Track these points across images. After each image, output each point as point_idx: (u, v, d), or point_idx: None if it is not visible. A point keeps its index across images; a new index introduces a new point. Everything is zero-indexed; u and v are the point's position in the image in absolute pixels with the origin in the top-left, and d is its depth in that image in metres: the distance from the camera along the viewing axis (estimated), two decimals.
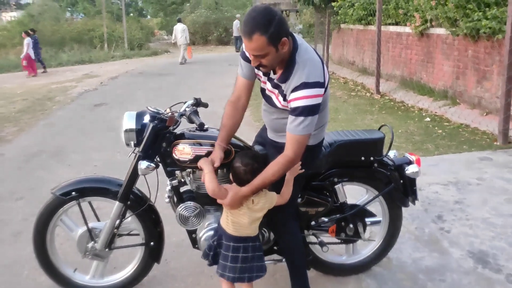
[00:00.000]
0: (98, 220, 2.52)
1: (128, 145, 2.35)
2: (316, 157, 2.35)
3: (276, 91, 2.11)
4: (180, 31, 15.87)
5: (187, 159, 2.30)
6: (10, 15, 41.78)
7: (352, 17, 10.76)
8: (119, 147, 5.41)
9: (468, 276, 2.64)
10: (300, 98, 1.94)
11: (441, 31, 7.19)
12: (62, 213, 2.42)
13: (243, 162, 2.09)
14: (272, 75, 2.11)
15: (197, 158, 2.29)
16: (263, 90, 2.23)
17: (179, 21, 16.66)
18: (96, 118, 7.29)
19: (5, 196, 4.11)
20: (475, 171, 4.26)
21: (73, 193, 2.37)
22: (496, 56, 5.86)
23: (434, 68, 7.59)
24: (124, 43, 22.36)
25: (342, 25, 12.23)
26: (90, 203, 2.49)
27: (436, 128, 6.00)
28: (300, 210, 2.44)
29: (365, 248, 2.76)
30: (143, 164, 2.23)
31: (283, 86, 2.05)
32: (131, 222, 2.50)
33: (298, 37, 2.07)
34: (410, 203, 2.63)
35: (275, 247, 2.53)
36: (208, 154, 2.28)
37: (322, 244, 2.52)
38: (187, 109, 2.39)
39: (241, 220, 2.13)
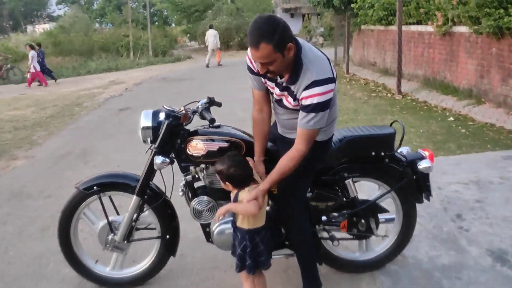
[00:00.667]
0: (118, 214, 2.63)
1: (145, 142, 2.47)
2: (326, 152, 2.38)
3: (286, 93, 2.17)
4: (212, 36, 16.79)
5: (200, 155, 2.39)
6: (43, 27, 43.31)
7: (372, 17, 10.68)
8: (140, 148, 5.50)
9: (486, 274, 2.61)
10: (312, 96, 2.00)
11: (463, 29, 7.07)
12: (85, 206, 2.55)
13: (232, 164, 2.17)
14: (279, 80, 2.16)
15: (209, 153, 2.37)
16: (272, 94, 2.30)
17: (211, 27, 17.75)
18: (120, 122, 7.49)
19: (35, 194, 4.29)
20: (498, 170, 4.18)
21: (95, 187, 2.49)
22: None
23: (457, 67, 7.46)
24: (149, 51, 22.82)
25: (363, 26, 12.15)
26: (110, 197, 2.60)
27: (459, 127, 5.90)
28: (310, 205, 2.47)
29: (379, 245, 2.75)
30: (158, 159, 2.33)
31: (292, 87, 2.10)
32: (148, 216, 2.59)
33: (300, 39, 2.11)
34: (424, 199, 2.62)
35: (286, 242, 2.57)
36: (220, 149, 2.37)
37: (332, 238, 2.54)
38: (199, 106, 2.48)
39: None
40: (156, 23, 42.80)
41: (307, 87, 2.01)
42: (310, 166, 2.33)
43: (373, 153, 2.51)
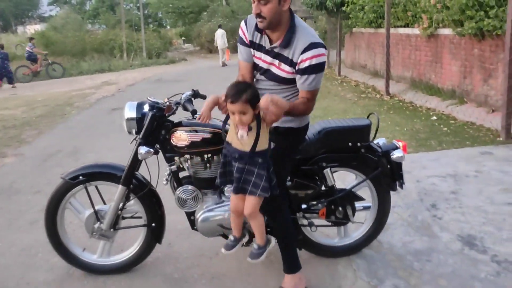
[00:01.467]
0: (104, 203, 2.74)
1: (130, 133, 2.59)
2: (302, 140, 2.52)
3: (277, 61, 2.27)
4: (220, 36, 17.31)
5: (183, 145, 2.51)
6: (34, 28, 43.19)
7: (363, 20, 10.87)
8: (131, 146, 5.67)
9: (454, 257, 2.76)
10: (311, 58, 2.13)
11: (448, 31, 7.26)
12: (71, 196, 2.65)
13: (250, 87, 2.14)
14: (270, 46, 2.26)
15: (192, 143, 2.49)
16: (260, 69, 2.36)
17: (220, 27, 18.20)
18: (112, 121, 7.59)
19: (25, 190, 4.39)
20: (474, 165, 4.35)
21: (81, 177, 2.59)
22: (501, 54, 5.91)
23: (442, 68, 7.66)
24: (143, 52, 22.90)
25: (354, 29, 12.34)
26: (96, 187, 2.71)
27: (441, 126, 6.07)
28: (290, 193, 2.61)
29: (355, 231, 2.89)
30: (142, 149, 2.45)
31: (286, 51, 2.21)
32: (134, 205, 2.71)
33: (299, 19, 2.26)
34: (398, 188, 2.76)
35: (268, 229, 2.69)
36: (204, 140, 2.50)
37: (310, 224, 2.68)
38: (182, 98, 2.60)
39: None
40: (151, 24, 42.86)
41: (305, 49, 2.13)
42: (287, 154, 2.47)
43: (350, 144, 2.65)
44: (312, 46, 2.13)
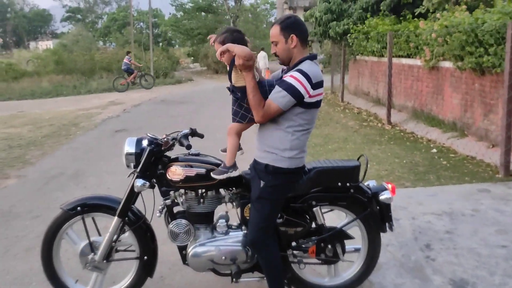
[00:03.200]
0: (100, 235, 2.79)
1: (128, 167, 2.68)
2: (293, 181, 2.57)
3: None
4: (262, 58, 18.84)
5: (178, 179, 2.60)
6: (46, 44, 44.04)
7: (367, 49, 11.02)
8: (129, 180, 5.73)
9: None
10: (290, 76, 2.32)
11: (449, 64, 7.34)
12: (68, 227, 2.72)
13: (226, 32, 2.42)
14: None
15: (187, 178, 2.59)
16: None
17: (263, 49, 19.62)
18: (114, 144, 7.67)
19: (23, 214, 4.44)
20: (471, 202, 4.35)
21: (79, 208, 2.67)
22: (501, 90, 5.96)
23: (443, 100, 7.71)
24: (151, 71, 23.20)
25: (358, 57, 12.49)
26: (93, 219, 2.78)
27: (441, 159, 6.09)
28: (280, 230, 2.65)
29: (346, 271, 2.90)
30: (138, 182, 2.56)
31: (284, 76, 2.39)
32: (128, 237, 2.76)
33: (315, 62, 2.43)
34: (387, 229, 2.78)
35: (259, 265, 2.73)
36: (198, 175, 2.59)
37: (299, 261, 2.72)
38: (179, 134, 2.69)
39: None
40: (161, 44, 43.54)
41: (291, 70, 2.37)
42: (280, 193, 2.52)
43: (339, 184, 2.69)
44: (298, 70, 2.33)
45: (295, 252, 2.74)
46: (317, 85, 2.35)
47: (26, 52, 36.67)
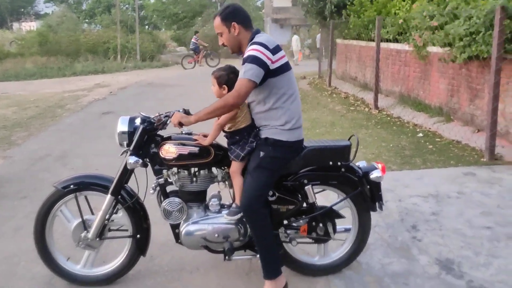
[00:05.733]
0: (93, 213, 2.80)
1: (121, 145, 2.70)
2: (290, 154, 2.62)
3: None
4: (295, 41, 20.89)
5: (172, 157, 2.62)
6: (29, 25, 42.97)
7: (353, 33, 10.98)
8: (119, 153, 5.68)
9: (431, 281, 2.82)
10: (248, 51, 2.42)
11: (436, 49, 7.39)
12: (62, 204, 2.73)
13: (232, 71, 2.59)
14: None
15: (180, 156, 2.61)
16: None
17: (295, 33, 21.46)
18: (102, 126, 7.60)
19: (11, 195, 4.40)
20: (457, 185, 4.43)
21: (72, 186, 2.67)
22: (487, 75, 6.03)
23: (430, 85, 7.78)
24: (137, 55, 22.89)
25: (346, 41, 12.50)
26: (86, 197, 2.78)
27: (427, 143, 6.17)
28: (272, 207, 2.68)
29: (336, 251, 2.96)
30: (131, 159, 2.58)
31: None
32: (121, 217, 2.78)
33: (263, 33, 2.53)
34: (377, 208, 2.84)
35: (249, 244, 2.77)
36: (191, 153, 2.62)
37: (291, 239, 2.77)
38: (171, 113, 2.69)
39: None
40: (147, 26, 42.87)
41: (247, 48, 2.45)
42: (275, 165, 2.57)
43: (330, 163, 2.73)
44: (251, 44, 2.44)
45: (287, 230, 2.78)
46: (275, 50, 2.44)
47: (9, 33, 35.73)
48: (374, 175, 2.74)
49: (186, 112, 2.85)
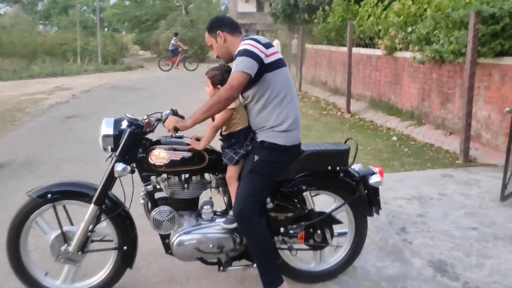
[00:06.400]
0: (72, 224, 2.57)
1: (105, 150, 2.47)
2: (291, 161, 2.51)
3: None
4: (275, 45, 19.46)
5: (162, 164, 2.44)
6: None
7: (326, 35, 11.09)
8: (90, 159, 5.42)
9: (428, 284, 2.79)
10: (242, 45, 2.34)
11: (408, 54, 7.53)
12: (37, 215, 2.48)
13: (226, 70, 2.46)
14: None
15: (172, 162, 2.43)
16: None
17: (277, 38, 20.58)
18: (67, 130, 7.24)
19: None
20: (437, 187, 4.48)
21: (49, 195, 2.43)
22: (458, 80, 6.20)
23: (401, 89, 7.92)
24: (98, 57, 22.22)
25: (315, 46, 12.60)
26: (64, 207, 2.55)
27: (402, 146, 6.25)
28: (270, 215, 2.56)
29: (332, 257, 2.87)
30: (119, 166, 2.36)
31: None
32: (105, 227, 2.56)
33: (257, 36, 2.42)
34: (374, 213, 2.78)
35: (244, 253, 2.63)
36: (183, 159, 2.44)
37: (290, 248, 2.64)
38: (163, 115, 2.52)
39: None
40: (106, 29, 41.82)
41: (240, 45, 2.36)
42: (269, 170, 2.44)
43: (329, 168, 2.64)
44: (242, 40, 2.40)
45: (284, 238, 2.66)
46: (267, 45, 2.37)
47: None
48: (373, 180, 2.67)
49: (175, 113, 2.68)
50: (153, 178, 2.51)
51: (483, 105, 5.67)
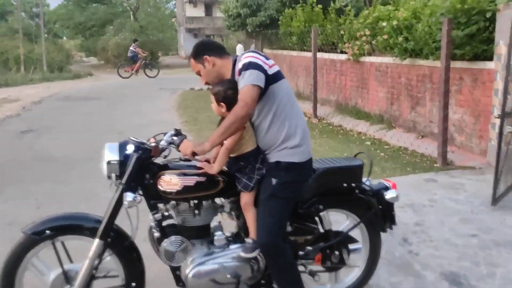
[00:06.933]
0: (71, 261, 2.29)
1: (109, 177, 2.20)
2: (307, 178, 2.37)
3: None
4: (239, 49, 19.56)
5: (175, 190, 2.23)
6: None
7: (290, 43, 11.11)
8: (60, 178, 5.01)
9: None
10: (243, 59, 2.19)
11: (374, 59, 7.64)
12: (33, 255, 2.19)
13: (230, 86, 2.23)
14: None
15: (185, 188, 2.23)
16: None
17: (239, 42, 18.94)
18: (27, 147, 6.69)
19: None
20: (425, 193, 4.49)
21: (48, 231, 2.16)
22: (428, 84, 6.33)
23: (368, 93, 8.02)
24: (43, 66, 21.07)
25: (274, 52, 12.58)
26: (63, 243, 2.28)
27: (378, 151, 6.29)
28: (289, 239, 2.41)
29: (347, 276, 2.75)
30: (129, 197, 2.13)
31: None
32: (109, 262, 2.31)
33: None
34: (387, 229, 2.69)
35: (262, 281, 2.45)
36: (197, 183, 2.24)
37: (312, 273, 2.49)
38: (174, 138, 2.29)
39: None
40: (46, 35, 39.90)
41: (239, 61, 2.22)
42: (290, 192, 2.30)
43: (344, 184, 2.52)
44: (242, 56, 2.23)
45: (303, 261, 2.51)
46: (266, 57, 2.28)
47: None
48: (389, 195, 2.58)
49: (178, 133, 2.47)
50: (161, 205, 2.29)
51: (455, 108, 5.81)
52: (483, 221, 3.80)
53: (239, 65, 2.19)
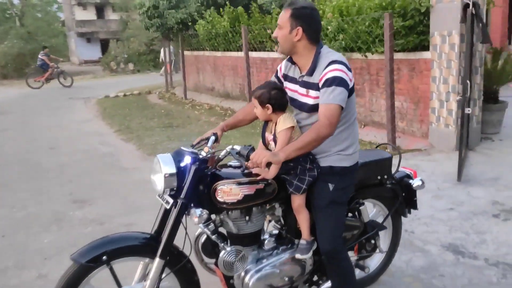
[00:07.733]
0: (120, 285, 2.12)
1: (164, 192, 2.08)
2: (354, 179, 2.42)
3: (305, 90, 2.22)
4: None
5: (235, 200, 2.16)
6: None
7: (215, 44, 11.05)
8: (37, 195, 4.49)
9: (458, 267, 3.02)
10: (330, 71, 2.08)
11: None
12: (87, 283, 2.02)
13: (274, 87, 2.21)
14: (300, 74, 2.25)
15: (246, 197, 2.17)
16: (292, 100, 2.30)
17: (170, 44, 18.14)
18: None
19: None
20: None
21: (104, 257, 1.99)
22: (366, 76, 6.79)
23: None
24: None
25: (195, 52, 12.45)
26: (111, 267, 2.08)
27: None
28: None
29: (371, 261, 2.89)
30: (197, 211, 2.04)
31: (312, 78, 2.17)
32: (166, 280, 2.17)
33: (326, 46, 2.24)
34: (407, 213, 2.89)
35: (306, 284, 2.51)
36: (257, 191, 2.19)
37: (362, 267, 2.64)
38: (235, 147, 2.19)
39: None
40: None
41: (326, 67, 2.11)
42: (348, 194, 2.36)
43: (379, 177, 2.66)
44: (332, 62, 2.12)
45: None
46: (349, 68, 2.22)
47: None
48: (416, 184, 2.77)
49: (216, 139, 2.39)
50: (213, 216, 2.22)
51: (396, 97, 6.30)
52: (452, 195, 4.23)
53: (326, 73, 2.09)
